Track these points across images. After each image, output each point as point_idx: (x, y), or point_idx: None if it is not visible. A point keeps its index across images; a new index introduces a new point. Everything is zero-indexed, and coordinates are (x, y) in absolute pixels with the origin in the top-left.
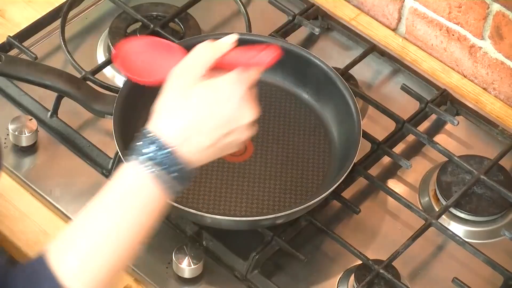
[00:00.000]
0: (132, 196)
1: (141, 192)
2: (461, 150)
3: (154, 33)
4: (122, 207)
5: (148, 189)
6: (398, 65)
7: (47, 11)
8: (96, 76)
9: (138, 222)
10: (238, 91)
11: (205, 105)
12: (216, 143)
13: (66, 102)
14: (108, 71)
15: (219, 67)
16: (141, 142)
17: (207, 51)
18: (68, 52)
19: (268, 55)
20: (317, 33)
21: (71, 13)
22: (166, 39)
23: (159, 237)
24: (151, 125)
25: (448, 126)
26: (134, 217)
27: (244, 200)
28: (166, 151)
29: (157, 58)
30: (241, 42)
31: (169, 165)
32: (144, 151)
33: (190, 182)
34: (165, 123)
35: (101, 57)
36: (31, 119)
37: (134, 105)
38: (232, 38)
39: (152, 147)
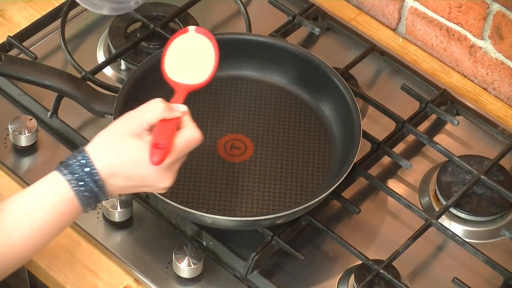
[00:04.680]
0: (50, 200)
1: (58, 199)
2: (461, 150)
3: (154, 33)
4: (41, 215)
5: (65, 199)
6: (398, 65)
7: (47, 11)
8: (96, 76)
9: (50, 221)
10: (163, 162)
11: (132, 160)
12: (131, 190)
13: (66, 102)
14: (108, 71)
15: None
16: (75, 160)
17: (160, 109)
18: (68, 52)
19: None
20: (317, 33)
21: (71, 13)
22: (167, 39)
23: (159, 237)
24: (90, 148)
25: (448, 126)
26: (47, 217)
27: (244, 200)
28: (94, 178)
29: (196, 57)
30: (241, 42)
31: (91, 190)
32: (76, 169)
33: (98, 205)
34: (101, 155)
35: (101, 57)
36: (31, 119)
37: (134, 105)
38: (184, 108)
39: (84, 169)
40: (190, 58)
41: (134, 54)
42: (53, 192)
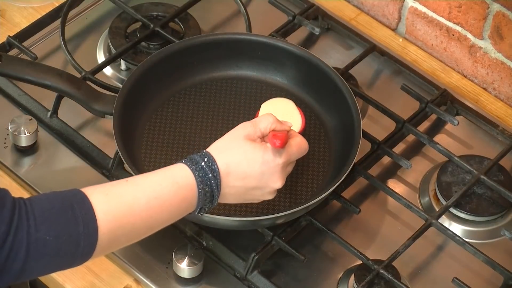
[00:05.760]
0: (176, 180)
1: (183, 182)
2: (461, 150)
3: (154, 33)
4: (164, 190)
5: (187, 184)
6: (398, 65)
7: (47, 11)
8: (96, 76)
9: (171, 198)
10: (278, 160)
11: (250, 158)
12: (243, 192)
13: (66, 102)
14: (108, 71)
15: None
16: (199, 157)
17: (272, 120)
18: (68, 52)
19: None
20: (317, 33)
21: (71, 13)
22: (166, 39)
23: (159, 237)
24: (210, 150)
25: (448, 126)
26: (170, 193)
27: None
28: (214, 173)
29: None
30: (241, 42)
31: (210, 185)
32: (200, 164)
33: (207, 208)
34: (220, 154)
35: (101, 57)
36: (31, 119)
37: (134, 105)
38: (291, 124)
39: (207, 165)
40: (279, 115)
41: (134, 54)
42: (179, 175)
